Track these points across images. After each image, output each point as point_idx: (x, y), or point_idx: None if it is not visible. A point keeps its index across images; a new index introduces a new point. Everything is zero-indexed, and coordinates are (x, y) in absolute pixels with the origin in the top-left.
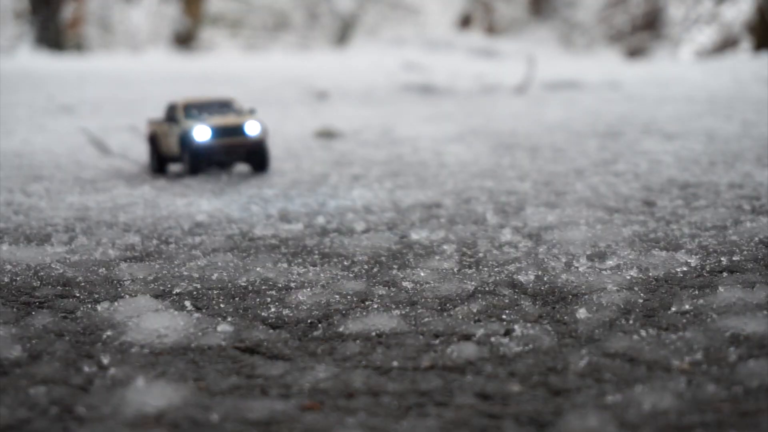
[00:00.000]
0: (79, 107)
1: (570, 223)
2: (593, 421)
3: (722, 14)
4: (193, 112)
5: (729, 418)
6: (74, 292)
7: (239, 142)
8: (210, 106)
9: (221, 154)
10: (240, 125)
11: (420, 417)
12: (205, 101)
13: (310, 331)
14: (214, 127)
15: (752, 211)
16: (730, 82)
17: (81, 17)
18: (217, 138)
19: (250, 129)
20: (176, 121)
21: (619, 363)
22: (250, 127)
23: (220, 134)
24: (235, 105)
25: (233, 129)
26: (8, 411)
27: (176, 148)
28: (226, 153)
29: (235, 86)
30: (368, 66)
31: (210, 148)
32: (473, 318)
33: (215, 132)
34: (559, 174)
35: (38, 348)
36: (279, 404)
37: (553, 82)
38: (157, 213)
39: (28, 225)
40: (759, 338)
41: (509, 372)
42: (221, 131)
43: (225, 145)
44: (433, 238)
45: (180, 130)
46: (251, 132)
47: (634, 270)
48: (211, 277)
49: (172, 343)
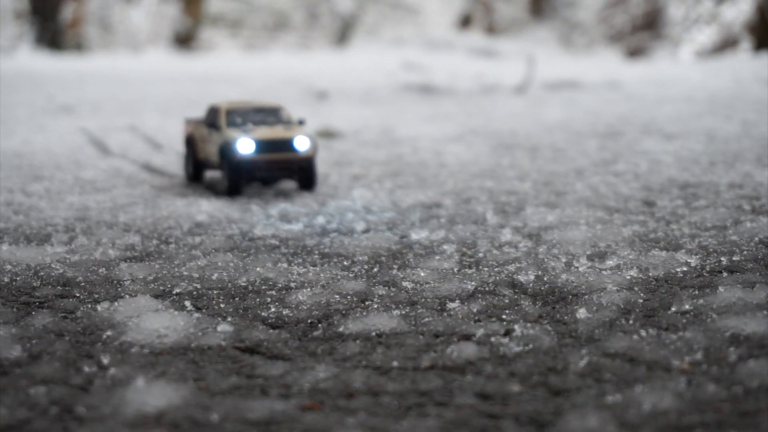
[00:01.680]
0: (79, 107)
1: (570, 223)
2: (593, 421)
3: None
4: (236, 119)
5: (729, 418)
6: (74, 292)
7: (287, 157)
8: (255, 114)
9: (266, 170)
10: (289, 139)
11: (420, 417)
12: (249, 107)
13: (310, 331)
14: (260, 140)
15: (752, 211)
16: (730, 82)
17: (81, 17)
18: (263, 152)
19: (300, 144)
20: (217, 128)
21: (619, 363)
22: (299, 142)
23: (265, 148)
24: (283, 114)
25: (281, 143)
26: (8, 411)
27: (215, 156)
28: (271, 169)
29: (235, 86)
30: (368, 66)
31: (254, 164)
32: (473, 318)
33: (261, 146)
34: (559, 174)
35: (38, 348)
36: (279, 404)
37: (553, 82)
38: (157, 213)
39: (28, 225)
40: (759, 338)
41: (509, 372)
42: (267, 145)
43: (271, 160)
44: (433, 238)
45: (221, 139)
46: (301, 147)
47: (634, 270)
48: (211, 277)
49: (172, 343)
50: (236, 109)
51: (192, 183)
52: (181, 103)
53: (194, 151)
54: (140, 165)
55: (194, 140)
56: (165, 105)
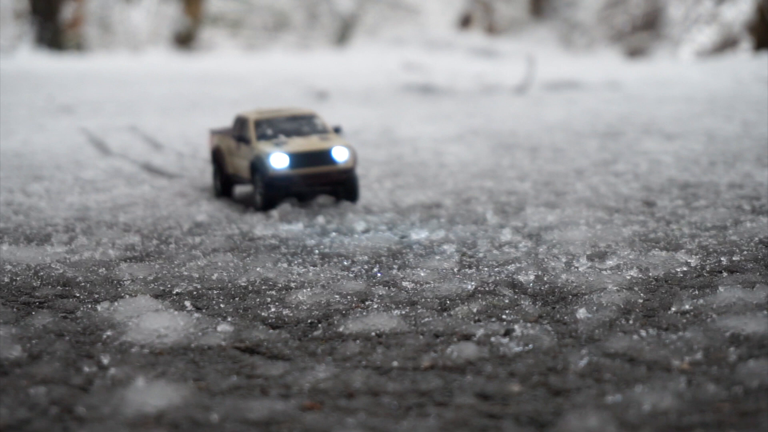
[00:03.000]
0: (79, 107)
1: (570, 223)
2: (593, 421)
3: (722, 14)
4: (266, 130)
5: (729, 418)
6: (74, 292)
7: (325, 171)
8: (287, 123)
9: (302, 185)
10: (326, 151)
11: (420, 417)
12: (280, 115)
13: (310, 331)
14: (294, 153)
15: (752, 211)
16: (730, 82)
17: (81, 17)
18: (298, 167)
19: (338, 155)
20: (246, 141)
21: (619, 363)
22: (338, 153)
23: (301, 162)
24: (317, 122)
25: (318, 155)
26: (8, 411)
27: (245, 172)
28: (308, 184)
29: (235, 86)
30: (368, 66)
31: (288, 179)
32: (473, 318)
33: (295, 159)
34: (559, 174)
35: (38, 348)
36: (279, 404)
37: (553, 82)
38: (157, 213)
39: (28, 225)
40: (759, 338)
41: (509, 372)
42: (303, 158)
43: (307, 174)
44: (433, 238)
45: (251, 154)
46: (339, 158)
47: (634, 270)
48: (211, 277)
49: (172, 343)
50: (266, 119)
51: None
52: (181, 103)
53: (222, 165)
54: (140, 165)
55: (221, 154)
56: (165, 105)
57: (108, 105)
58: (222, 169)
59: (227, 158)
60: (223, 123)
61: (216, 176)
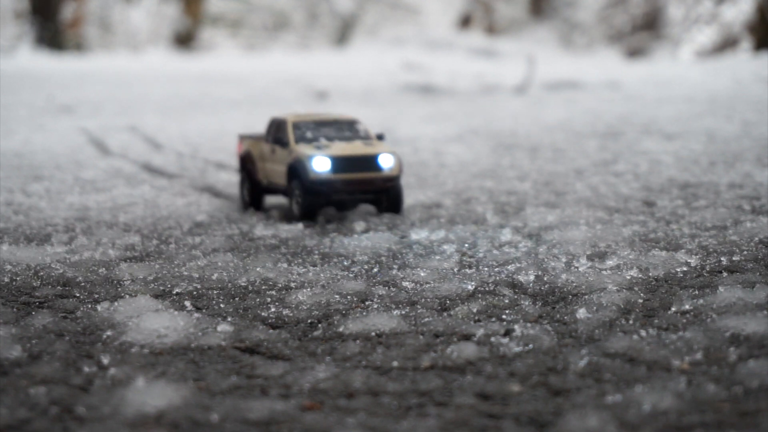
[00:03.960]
0: (79, 107)
1: (570, 223)
2: (593, 421)
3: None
4: (305, 133)
5: (729, 418)
6: (74, 292)
7: (369, 178)
8: (327, 127)
9: (344, 192)
10: (371, 156)
11: (420, 417)
12: (319, 120)
13: (310, 331)
14: (337, 157)
15: (752, 211)
16: (730, 82)
17: (81, 17)
18: (341, 172)
19: (385, 162)
20: (283, 144)
21: (619, 363)
22: (384, 160)
23: (344, 167)
24: (359, 127)
25: (362, 161)
26: (8, 411)
27: (281, 178)
28: (350, 191)
29: (235, 86)
30: (368, 66)
31: (330, 185)
32: (473, 318)
33: (338, 164)
34: (559, 174)
35: (38, 348)
36: (279, 404)
37: (553, 82)
38: (157, 213)
39: (28, 225)
40: (759, 338)
41: (509, 372)
42: (346, 163)
43: (350, 181)
44: (433, 238)
45: (290, 158)
46: (385, 165)
47: (634, 270)
48: (211, 277)
49: (172, 343)
50: (305, 122)
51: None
52: (181, 103)
53: (252, 173)
54: (140, 165)
55: (252, 159)
56: (165, 105)
57: (108, 105)
58: (252, 176)
59: (258, 164)
60: (223, 123)
61: (244, 185)
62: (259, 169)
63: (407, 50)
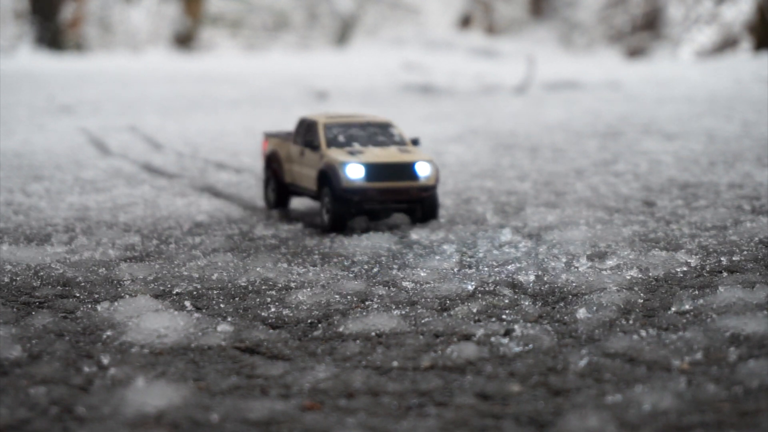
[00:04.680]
0: (79, 107)
1: (570, 223)
2: (593, 421)
3: (722, 14)
4: (337, 136)
5: (729, 418)
6: (74, 292)
7: (405, 186)
8: (360, 130)
9: (378, 201)
10: (408, 164)
11: (420, 417)
12: (352, 122)
13: (310, 331)
14: (371, 164)
15: (752, 211)
16: (730, 82)
17: (81, 17)
18: (375, 180)
19: (421, 170)
20: (314, 147)
21: (619, 363)
22: (421, 168)
23: (378, 175)
24: (394, 131)
25: (399, 168)
26: (8, 411)
27: (310, 182)
28: (384, 200)
29: (235, 86)
30: (368, 66)
31: (363, 194)
32: (473, 318)
33: (372, 171)
34: (559, 174)
35: (38, 348)
36: (279, 404)
37: (553, 82)
38: (157, 213)
39: (28, 225)
40: (759, 338)
41: (509, 372)
42: (381, 170)
43: (385, 189)
44: (433, 238)
45: (321, 162)
46: (422, 174)
47: (634, 270)
48: (211, 277)
49: (172, 343)
50: (337, 124)
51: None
52: (181, 103)
53: (278, 173)
54: (140, 165)
55: (278, 160)
56: (165, 105)
57: (108, 105)
58: (278, 177)
59: (285, 165)
60: (223, 123)
61: (269, 185)
62: (286, 171)
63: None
